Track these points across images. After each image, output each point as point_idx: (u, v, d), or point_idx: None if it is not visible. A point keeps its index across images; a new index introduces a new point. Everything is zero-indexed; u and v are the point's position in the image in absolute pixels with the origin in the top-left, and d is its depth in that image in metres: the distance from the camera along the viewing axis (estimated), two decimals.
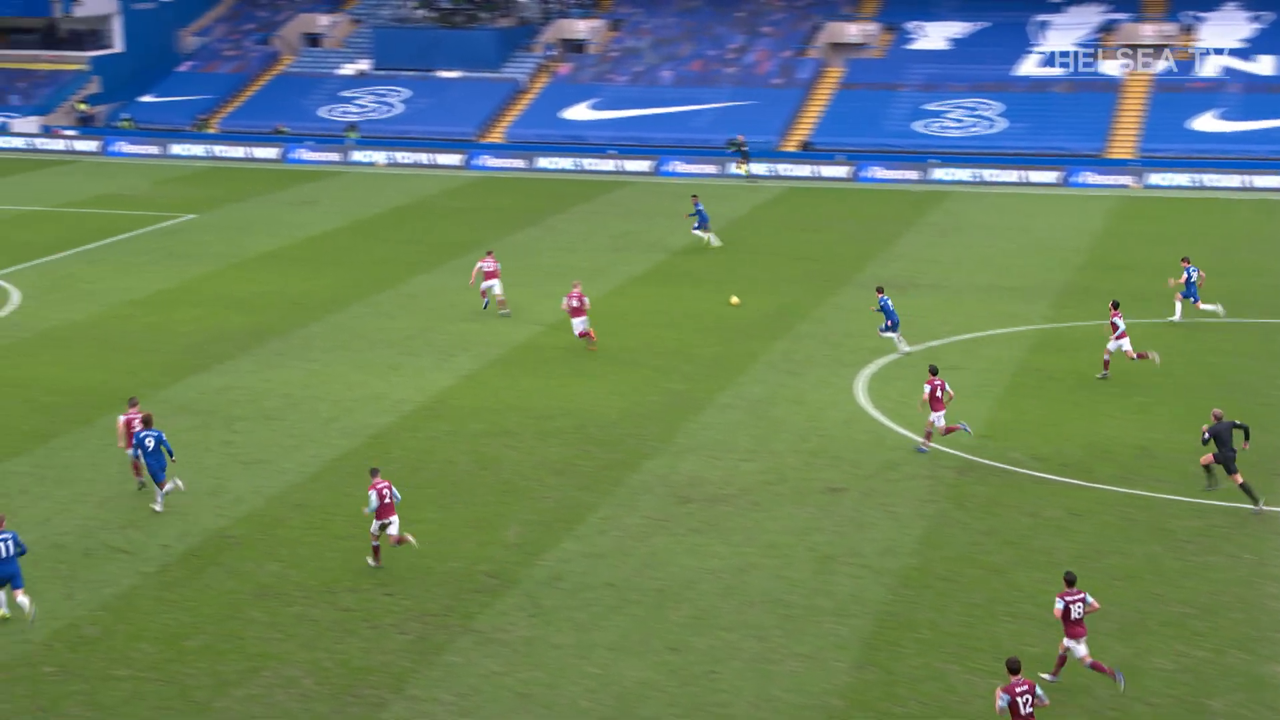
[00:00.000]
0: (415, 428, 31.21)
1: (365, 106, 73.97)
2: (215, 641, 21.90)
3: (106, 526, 25.74)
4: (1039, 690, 18.37)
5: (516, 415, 31.96)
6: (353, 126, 71.43)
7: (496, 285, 40.22)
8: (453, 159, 67.70)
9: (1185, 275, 38.16)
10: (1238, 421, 26.54)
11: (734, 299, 40.28)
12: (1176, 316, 38.16)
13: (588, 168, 65.83)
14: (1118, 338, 33.41)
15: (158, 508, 26.39)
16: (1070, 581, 20.64)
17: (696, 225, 49.03)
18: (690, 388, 33.64)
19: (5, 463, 28.74)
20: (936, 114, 67.64)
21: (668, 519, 26.30)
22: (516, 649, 21.76)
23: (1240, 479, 26.18)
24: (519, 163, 66.77)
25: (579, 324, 36.54)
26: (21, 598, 22.18)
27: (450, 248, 48.67)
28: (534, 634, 22.18)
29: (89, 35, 79.54)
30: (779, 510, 26.59)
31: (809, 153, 65.91)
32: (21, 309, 41.08)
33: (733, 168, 63.48)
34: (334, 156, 68.87)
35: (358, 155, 68.57)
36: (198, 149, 70.46)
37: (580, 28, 78.40)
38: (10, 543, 22.39)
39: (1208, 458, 26.66)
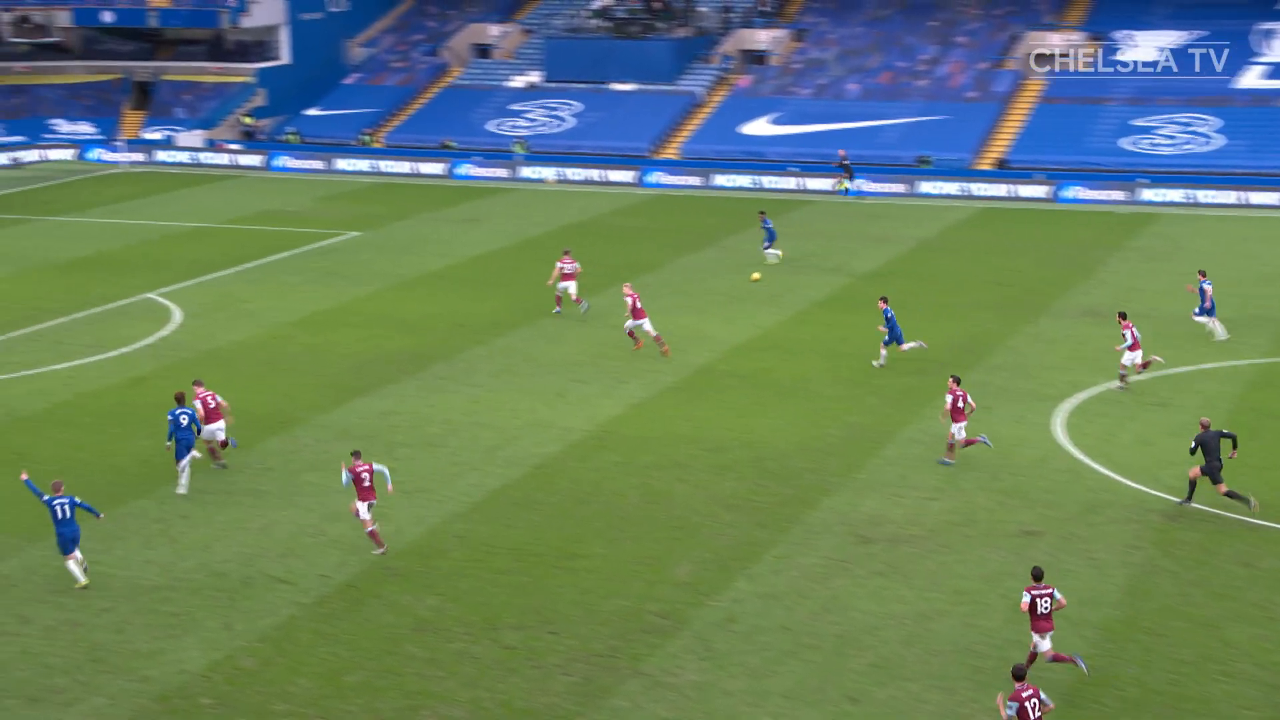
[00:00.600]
0: (582, 458, 31.52)
1: (535, 120, 75.14)
2: (373, 678, 22.37)
3: (266, 554, 26.49)
4: (1043, 695, 19.27)
5: (689, 447, 32.07)
6: (521, 141, 72.59)
7: (572, 286, 42.59)
8: (625, 175, 68.33)
9: (1200, 288, 39.36)
10: (1225, 430, 27.97)
11: (755, 275, 42.86)
12: (1220, 334, 39.27)
13: (767, 185, 65.87)
14: (1130, 349, 34.84)
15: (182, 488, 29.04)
16: (1038, 576, 21.94)
17: (765, 243, 49.66)
18: (873, 420, 33.40)
19: (167, 486, 29.75)
20: (1146, 130, 66.20)
21: (848, 560, 26.14)
22: (686, 694, 21.81)
23: (1224, 488, 27.58)
24: (694, 180, 67.08)
25: (639, 326, 38.34)
26: (74, 561, 25.21)
27: (621, 269, 49.08)
28: (705, 679, 22.21)
29: (255, 47, 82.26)
30: (968, 554, 26.23)
31: (1005, 171, 65.03)
32: (183, 328, 42.56)
33: (835, 184, 63.92)
34: (501, 172, 70.05)
35: (526, 171, 69.64)
36: (362, 164, 72.29)
37: (761, 38, 78.57)
38: (68, 505, 25.10)
39: (1195, 470, 27.77)
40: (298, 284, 47.83)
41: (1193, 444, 27.79)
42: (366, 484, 26.38)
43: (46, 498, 25.36)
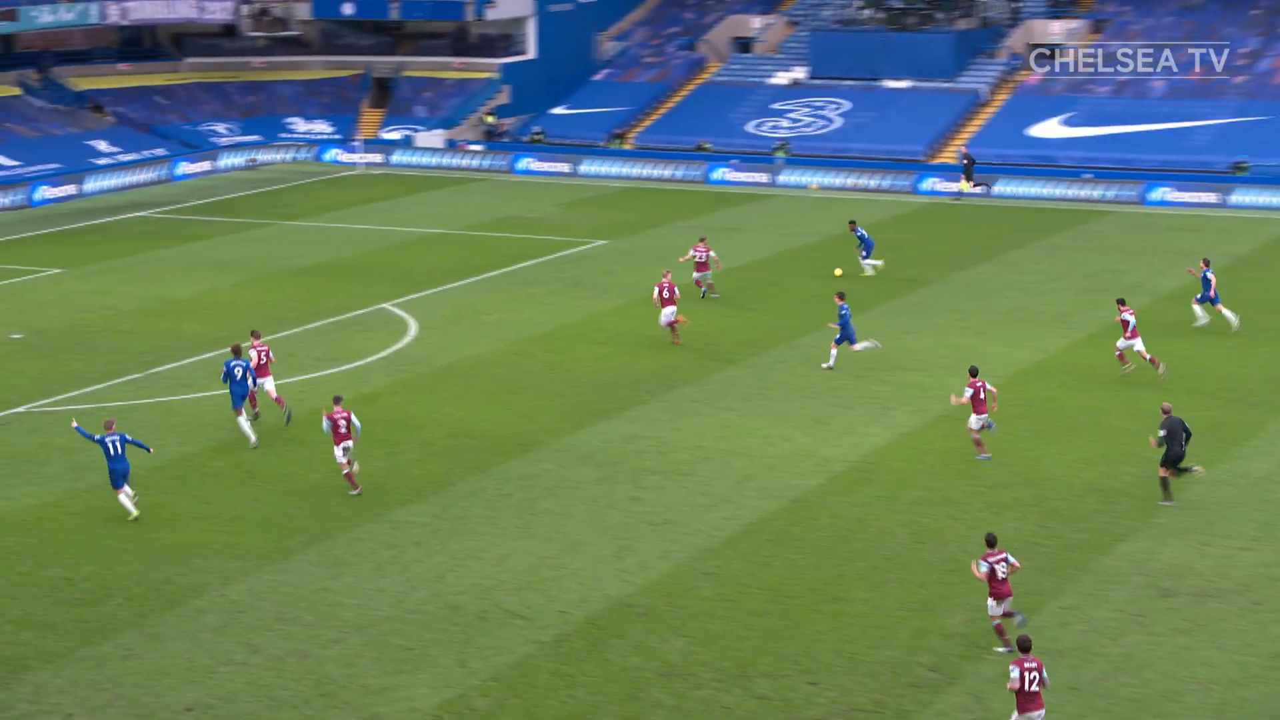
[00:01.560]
0: (844, 491, 31.35)
1: (798, 121, 75.17)
2: None
3: (502, 587, 27.01)
4: (1044, 672, 21.18)
5: (964, 482, 31.62)
6: (783, 144, 72.67)
7: (709, 276, 46.85)
8: (897, 181, 67.83)
9: (1203, 276, 42.24)
10: (1184, 422, 30.17)
11: (837, 270, 46.48)
12: (1202, 320, 42.32)
13: (1058, 194, 64.61)
14: (1129, 336, 37.86)
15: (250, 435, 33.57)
16: (991, 543, 24.53)
17: (864, 253, 49.85)
18: None
19: (399, 510, 30.62)
20: None
21: (1145, 614, 25.42)
22: None
23: (1166, 472, 30.10)
24: (977, 187, 66.19)
25: (668, 314, 41.42)
26: (126, 493, 29.84)
27: (885, 286, 48.71)
28: None
29: (500, 41, 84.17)
30: None
31: None
32: (419, 341, 43.75)
33: (959, 186, 64.41)
34: (761, 178, 70.24)
35: (788, 176, 69.71)
36: (611, 167, 73.31)
37: (1054, 30, 77.12)
38: (119, 442, 29.73)
39: (1164, 470, 30.09)
40: (540, 296, 48.72)
41: (1161, 431, 29.93)
42: (343, 430, 30.82)
43: (98, 437, 29.88)
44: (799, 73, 78.85)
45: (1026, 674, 20.97)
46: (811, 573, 27.34)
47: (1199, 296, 42.56)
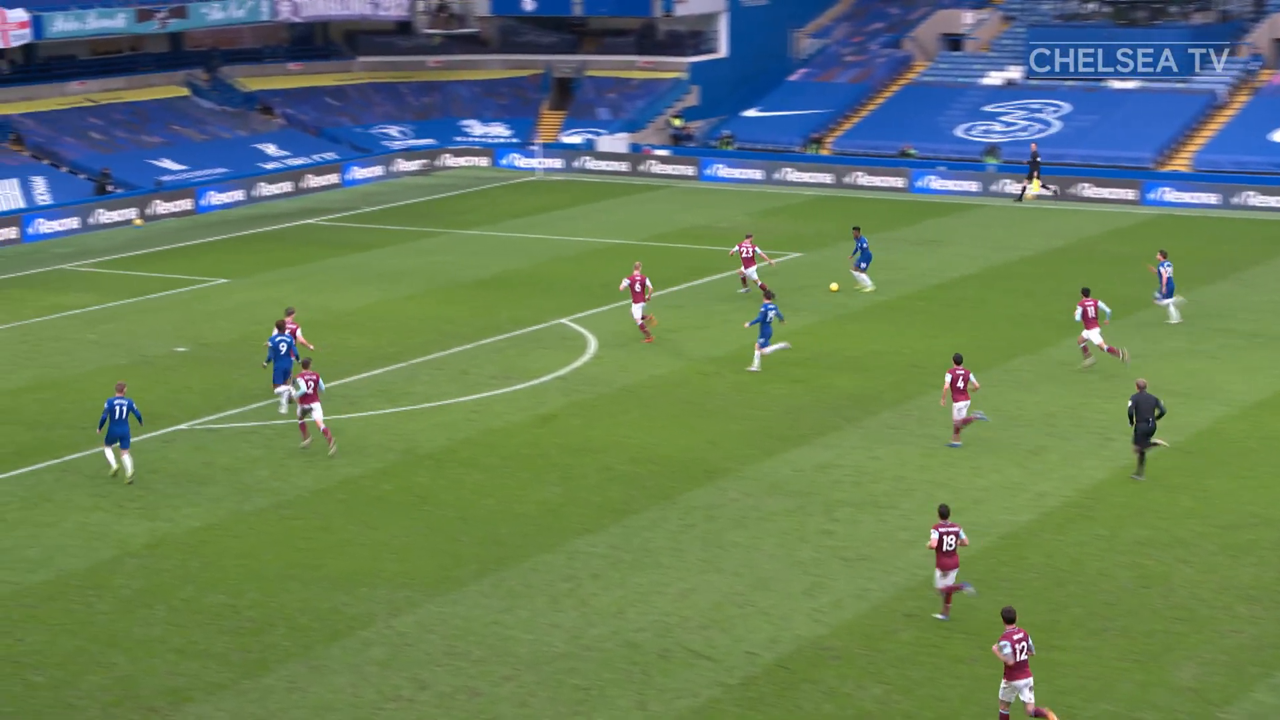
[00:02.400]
0: (1060, 529, 30.88)
1: (1012, 125, 74.37)
2: None
3: (686, 625, 27.05)
4: (1029, 642, 23.23)
5: (1194, 521, 30.97)
6: (993, 149, 71.90)
7: (753, 272, 49.36)
8: (1123, 192, 66.70)
9: (1157, 270, 45.68)
10: (1158, 399, 33.15)
11: (833, 285, 48.99)
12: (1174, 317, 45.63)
13: None
14: (1088, 326, 40.93)
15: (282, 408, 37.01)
16: (944, 514, 27.11)
17: (860, 262, 50.40)
18: None
19: (578, 539, 30.84)
20: None
21: None
22: None
23: (1141, 450, 33.22)
24: (1212, 198, 64.86)
25: (637, 311, 44.27)
26: (126, 458, 33.58)
27: (1116, 304, 47.90)
28: None
29: (689, 39, 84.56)
30: None
31: None
32: (598, 359, 44.04)
33: (1024, 186, 65.80)
34: (970, 186, 69.57)
35: (1001, 185, 68.93)
36: (807, 174, 73.17)
37: None
38: (125, 407, 33.55)
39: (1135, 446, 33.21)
40: (728, 312, 48.74)
41: (1129, 406, 33.16)
42: (309, 390, 35.55)
43: (109, 400, 33.69)
44: (1014, 72, 78.00)
45: (1016, 646, 22.98)
46: (1022, 617, 26.90)
47: (1157, 294, 45.93)
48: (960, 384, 35.42)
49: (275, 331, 39.20)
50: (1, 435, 37.30)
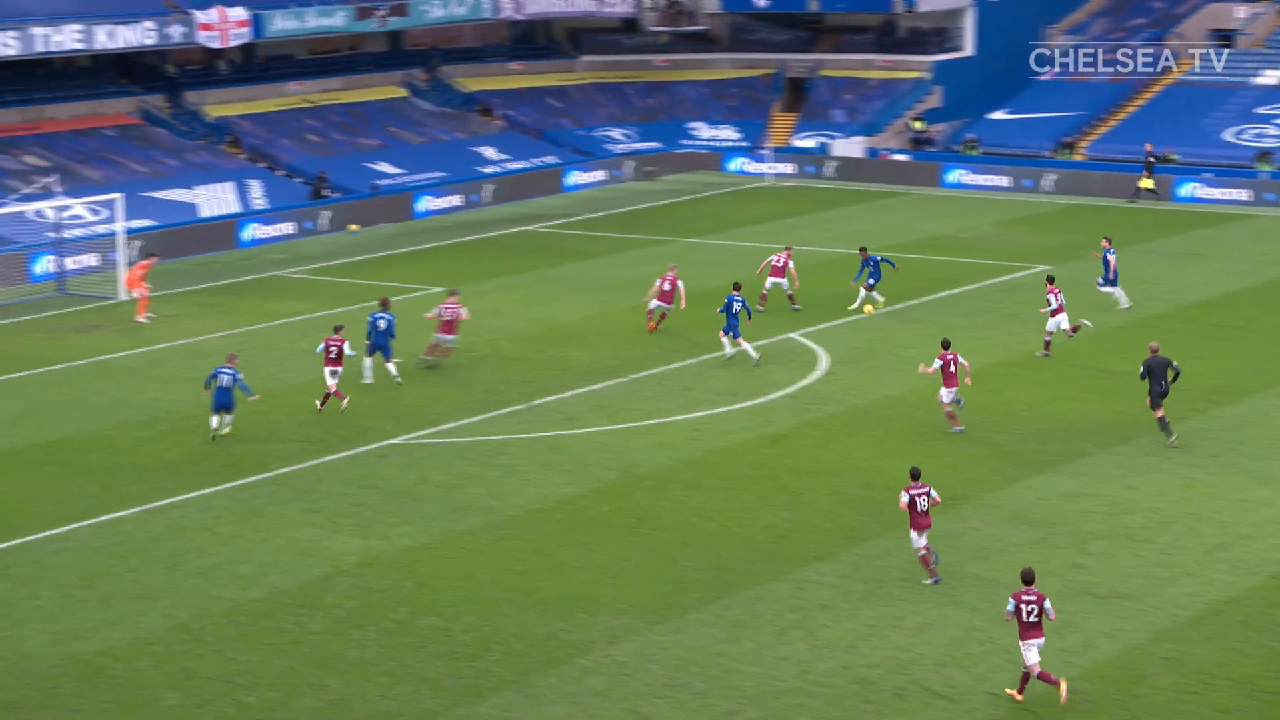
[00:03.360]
0: None
1: None
2: None
3: (922, 661, 26.83)
4: (1047, 604, 25.04)
5: None
6: (1265, 155, 70.18)
7: (784, 283, 50.49)
8: None
9: (1104, 257, 49.58)
10: (1172, 360, 36.46)
11: (868, 308, 49.54)
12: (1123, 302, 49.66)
13: None
14: (1054, 314, 44.17)
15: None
16: (915, 475, 29.65)
17: (871, 282, 50.55)
18: None
19: (807, 568, 30.76)
20: None
21: None
22: None
23: (1161, 413, 36.64)
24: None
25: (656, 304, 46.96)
26: (228, 418, 38.39)
27: None
28: None
29: (933, 36, 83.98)
30: None
31: None
32: (829, 376, 43.91)
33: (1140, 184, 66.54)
34: (1240, 195, 68.01)
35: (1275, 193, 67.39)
36: (1059, 181, 72.14)
37: None
38: (230, 377, 37.92)
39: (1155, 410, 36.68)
40: (969, 328, 48.29)
41: (1141, 369, 36.69)
42: (334, 355, 40.10)
43: (218, 367, 38.38)
44: None
45: (1024, 606, 25.03)
46: None
47: (1100, 280, 49.62)
48: (951, 368, 37.95)
49: (378, 308, 43.66)
50: (217, 447, 38.36)
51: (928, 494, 29.47)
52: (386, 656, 27.10)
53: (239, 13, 71.05)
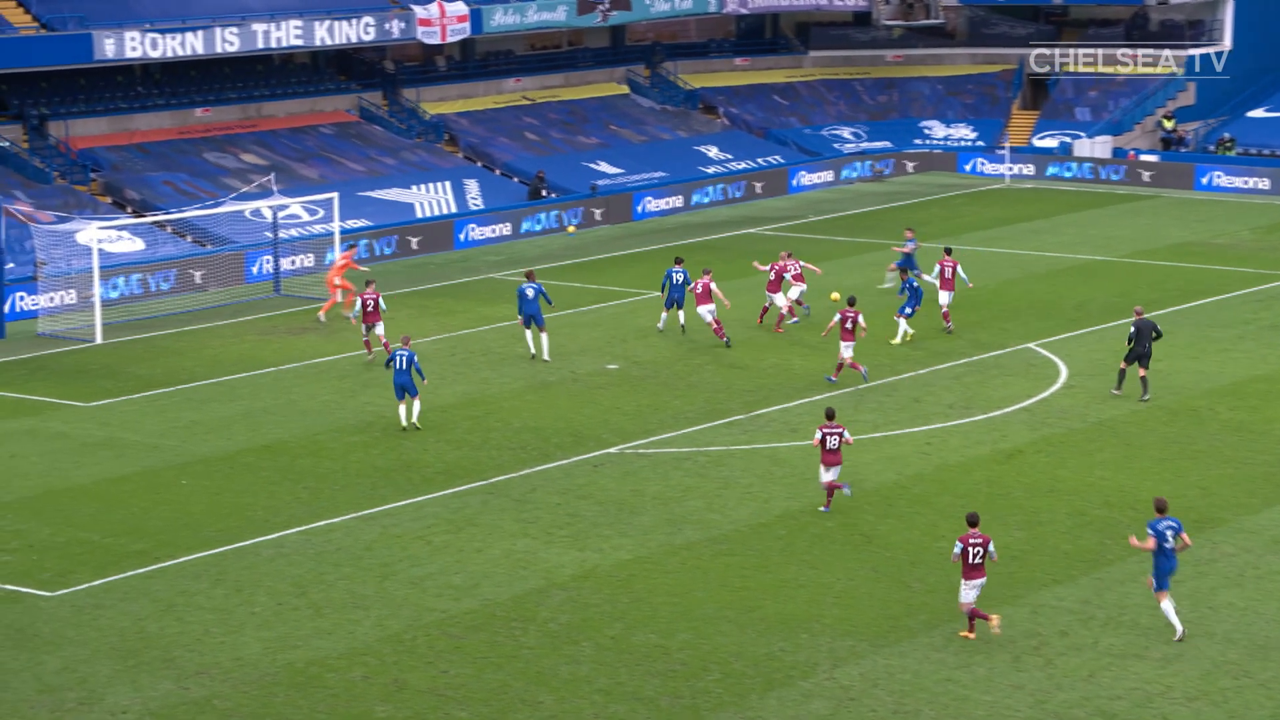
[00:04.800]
0: None
1: None
2: None
3: (1169, 694, 26.31)
4: (991, 547, 28.03)
5: None
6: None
7: (794, 291, 50.06)
8: None
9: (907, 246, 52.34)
10: (1156, 324, 41.51)
11: (834, 295, 47.31)
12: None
13: None
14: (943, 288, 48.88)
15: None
16: (830, 415, 34.01)
17: (908, 309, 47.97)
18: None
19: (1042, 592, 30.40)
20: None
21: None
22: None
23: (1144, 372, 41.40)
24: None
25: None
26: (416, 404, 40.01)
27: None
28: None
29: (1188, 28, 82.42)
30: None
31: None
32: (1070, 390, 43.32)
33: None
34: None
35: None
36: None
37: None
38: (406, 359, 39.57)
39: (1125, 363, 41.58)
40: (1225, 340, 47.40)
41: (1131, 330, 41.23)
42: (370, 309, 45.98)
43: (395, 350, 40.20)
44: None
45: (971, 548, 27.72)
46: None
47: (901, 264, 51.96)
48: (849, 325, 42.61)
49: (525, 280, 47.04)
50: (430, 453, 38.96)
51: (840, 434, 33.78)
52: (601, 673, 27.30)
53: (459, 8, 72.10)
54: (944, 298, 48.90)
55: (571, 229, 67.49)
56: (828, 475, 34.10)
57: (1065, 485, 36.09)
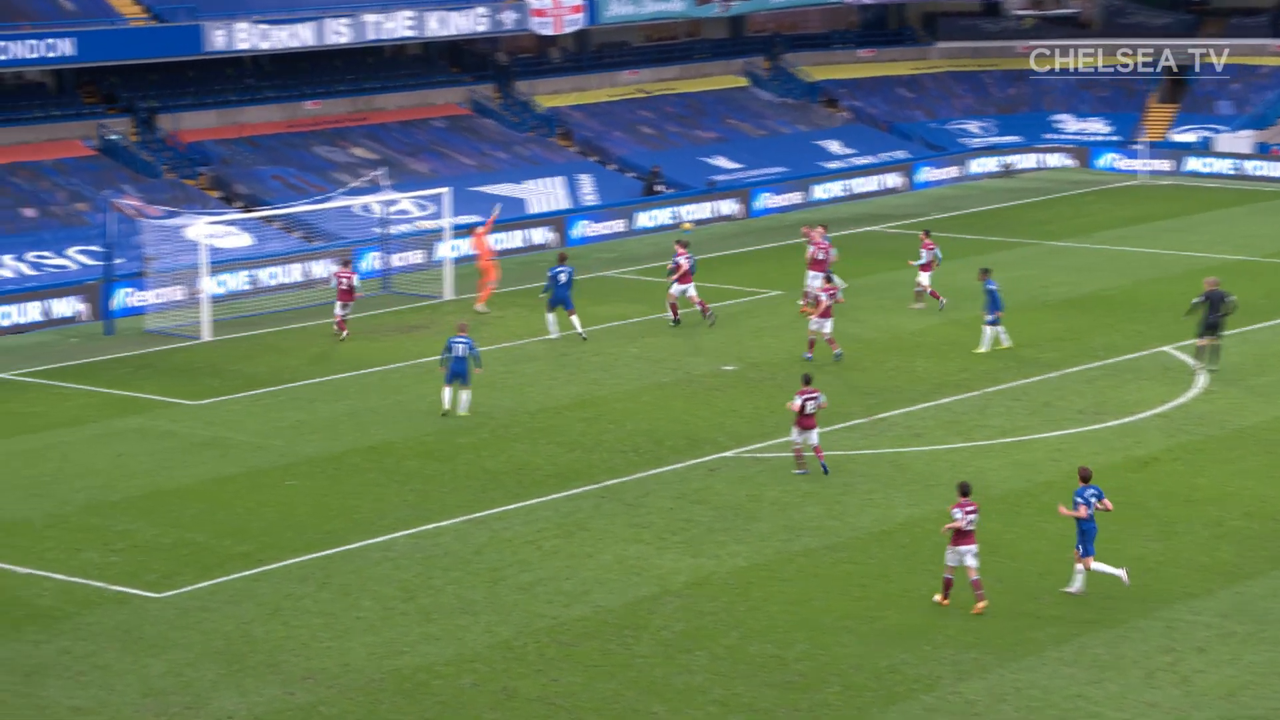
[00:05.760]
0: None
1: None
2: None
3: None
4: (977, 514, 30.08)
5: None
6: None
7: (818, 284, 48.84)
8: None
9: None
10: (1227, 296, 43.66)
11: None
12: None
13: None
14: (923, 269, 51.98)
15: None
16: (807, 381, 36.49)
17: (990, 317, 46.93)
18: None
19: (1178, 605, 30.07)
20: None
21: None
22: None
23: (1215, 341, 43.73)
24: None
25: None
26: (463, 394, 41.48)
27: None
28: None
29: None
30: None
31: None
32: (1208, 395, 42.89)
33: None
34: None
35: None
36: None
37: None
38: (465, 346, 41.16)
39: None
40: None
41: (1201, 298, 43.92)
42: (345, 288, 50.03)
43: (451, 338, 41.52)
44: None
45: (966, 516, 29.52)
46: None
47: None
48: (824, 296, 46.27)
49: (557, 263, 49.55)
50: (541, 456, 39.07)
51: (816, 398, 36.26)
52: (716, 684, 27.25)
53: None
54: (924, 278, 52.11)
55: (687, 225, 67.42)
56: (803, 437, 36.76)
57: (1203, 494, 35.68)
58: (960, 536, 29.71)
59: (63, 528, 34.70)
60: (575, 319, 48.69)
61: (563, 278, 48.84)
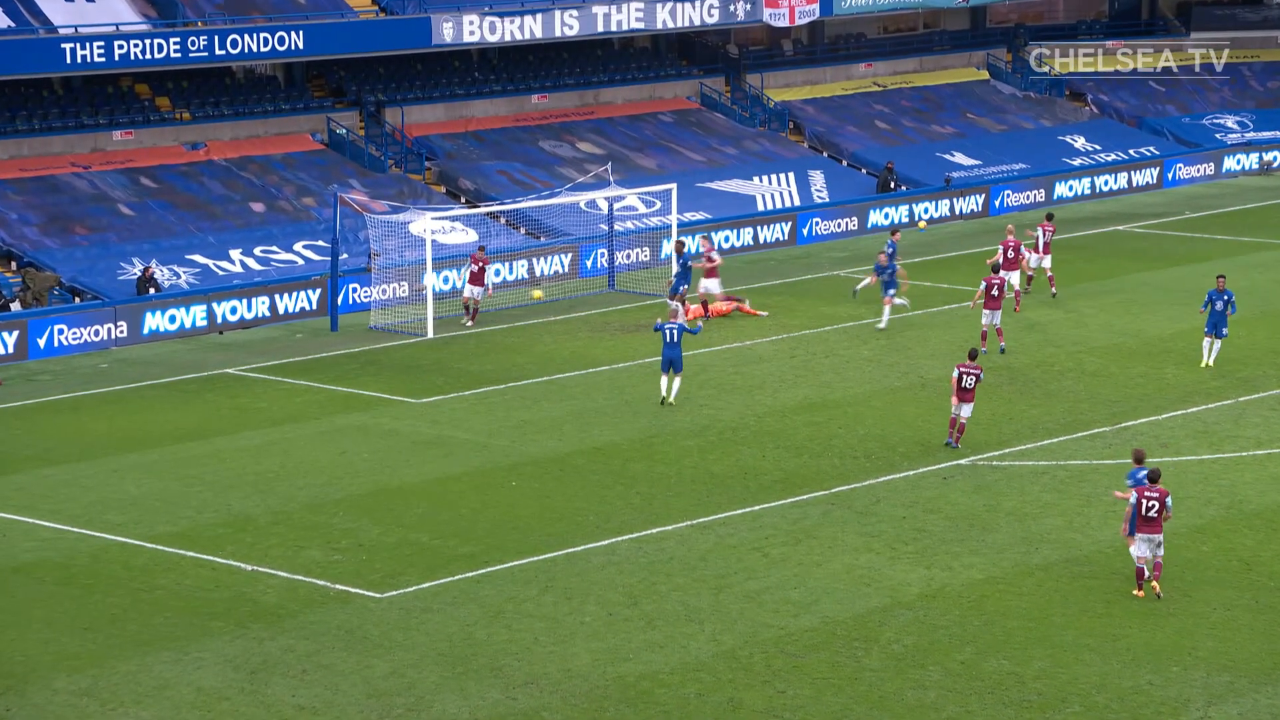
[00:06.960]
0: None
1: None
2: None
3: None
4: (1168, 500, 30.70)
5: None
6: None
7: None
8: None
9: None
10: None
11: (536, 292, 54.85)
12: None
13: None
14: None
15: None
16: (972, 356, 39.05)
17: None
18: None
19: None
20: None
21: None
22: None
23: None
24: None
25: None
26: (676, 381, 42.99)
27: None
28: None
29: None
30: None
31: None
32: None
33: None
34: None
35: None
36: None
37: None
38: (675, 330, 42.64)
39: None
40: None
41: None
42: (477, 270, 52.69)
43: (658, 323, 43.46)
44: None
45: (1145, 500, 30.19)
46: None
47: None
48: (994, 293, 47.16)
49: (679, 250, 52.63)
50: (769, 460, 39.09)
51: (976, 375, 38.43)
52: (950, 700, 27.08)
53: None
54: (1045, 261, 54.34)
55: (923, 224, 67.07)
56: (966, 411, 38.87)
57: None
58: (1144, 524, 30.53)
59: (287, 525, 35.44)
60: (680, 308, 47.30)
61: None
